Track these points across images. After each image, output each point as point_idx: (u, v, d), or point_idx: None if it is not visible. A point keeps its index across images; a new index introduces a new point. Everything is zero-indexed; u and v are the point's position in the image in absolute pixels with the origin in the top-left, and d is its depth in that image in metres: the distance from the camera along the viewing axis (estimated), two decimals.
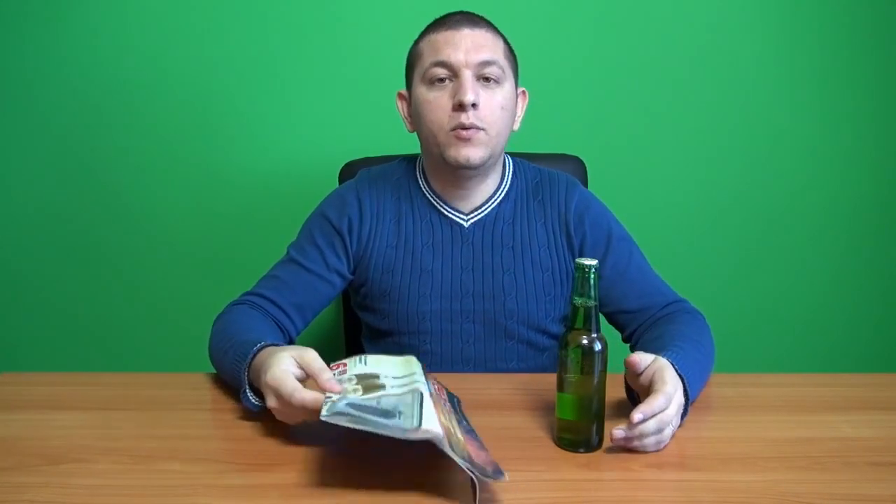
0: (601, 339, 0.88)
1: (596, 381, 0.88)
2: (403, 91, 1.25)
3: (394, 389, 0.87)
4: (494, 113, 1.15)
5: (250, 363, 0.97)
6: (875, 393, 1.09)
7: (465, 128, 1.14)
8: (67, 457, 0.88)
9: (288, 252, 1.26)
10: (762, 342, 1.92)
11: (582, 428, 0.89)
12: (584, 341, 0.88)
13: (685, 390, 0.94)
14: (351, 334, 1.54)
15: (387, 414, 0.80)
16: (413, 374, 0.92)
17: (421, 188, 1.26)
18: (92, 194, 1.82)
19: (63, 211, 1.83)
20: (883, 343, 1.93)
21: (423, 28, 1.22)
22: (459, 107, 1.13)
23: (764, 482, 0.83)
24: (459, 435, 0.85)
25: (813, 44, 1.77)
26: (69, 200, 1.82)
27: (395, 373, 0.92)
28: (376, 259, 1.24)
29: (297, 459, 0.87)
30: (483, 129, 1.15)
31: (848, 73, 1.79)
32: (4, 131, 1.79)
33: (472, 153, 1.15)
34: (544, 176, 1.29)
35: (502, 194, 1.26)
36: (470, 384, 1.10)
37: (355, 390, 0.87)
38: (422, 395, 0.85)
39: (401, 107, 1.26)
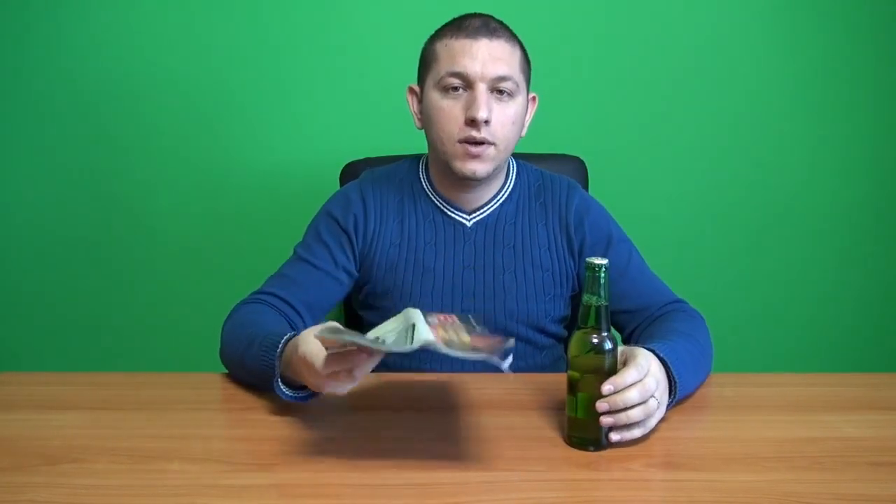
0: (611, 339, 0.89)
1: (606, 379, 0.88)
2: (415, 86, 1.23)
3: (391, 336, 0.87)
4: (505, 127, 1.15)
5: (281, 353, 0.97)
6: (875, 393, 1.09)
7: (475, 142, 1.14)
8: (67, 457, 0.87)
9: (295, 252, 1.26)
10: (762, 342, 1.92)
11: (592, 426, 0.89)
12: (595, 340, 0.88)
13: (670, 374, 0.94)
14: None
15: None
16: (409, 318, 0.92)
17: (424, 188, 1.26)
18: (92, 194, 1.82)
19: (63, 210, 1.83)
20: (883, 343, 1.93)
21: (427, 26, 1.20)
22: (472, 122, 1.13)
23: (764, 482, 0.83)
24: (464, 338, 0.84)
25: (813, 45, 1.77)
26: (69, 200, 1.82)
27: (391, 327, 0.92)
28: (380, 257, 1.24)
29: (297, 459, 0.87)
30: (493, 144, 1.15)
31: (848, 75, 1.79)
32: (6, 131, 1.79)
33: (480, 167, 1.16)
34: (546, 179, 1.29)
35: (505, 195, 1.26)
36: (470, 384, 1.10)
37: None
38: (413, 325, 0.85)
39: (411, 102, 1.24)
